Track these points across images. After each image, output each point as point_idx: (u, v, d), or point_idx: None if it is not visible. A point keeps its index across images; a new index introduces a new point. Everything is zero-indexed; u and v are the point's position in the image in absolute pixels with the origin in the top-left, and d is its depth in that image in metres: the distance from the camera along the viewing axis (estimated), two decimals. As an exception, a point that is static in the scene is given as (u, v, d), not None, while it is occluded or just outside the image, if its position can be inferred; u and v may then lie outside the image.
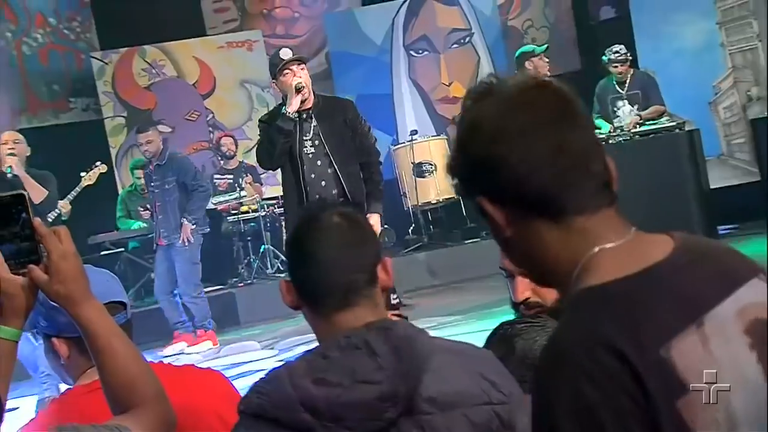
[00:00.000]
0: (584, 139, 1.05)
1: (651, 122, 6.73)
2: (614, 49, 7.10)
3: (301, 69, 4.64)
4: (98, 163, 6.52)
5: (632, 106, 6.90)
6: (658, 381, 0.94)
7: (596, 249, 1.03)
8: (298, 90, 4.52)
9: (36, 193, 5.29)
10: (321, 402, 1.27)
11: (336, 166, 4.64)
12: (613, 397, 0.94)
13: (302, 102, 4.61)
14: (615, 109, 6.98)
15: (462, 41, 9.35)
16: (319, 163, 4.66)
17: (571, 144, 1.03)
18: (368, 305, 1.39)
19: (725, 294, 1.00)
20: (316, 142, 4.65)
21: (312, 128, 4.66)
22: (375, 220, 4.47)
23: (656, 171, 6.16)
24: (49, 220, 5.44)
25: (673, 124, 6.68)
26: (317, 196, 4.49)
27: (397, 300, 3.06)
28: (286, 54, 4.67)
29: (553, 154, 1.02)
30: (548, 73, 5.79)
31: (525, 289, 1.77)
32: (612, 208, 1.06)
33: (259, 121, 4.90)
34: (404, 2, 9.43)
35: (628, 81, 7.11)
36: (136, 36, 9.09)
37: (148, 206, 7.50)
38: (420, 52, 9.35)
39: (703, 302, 0.99)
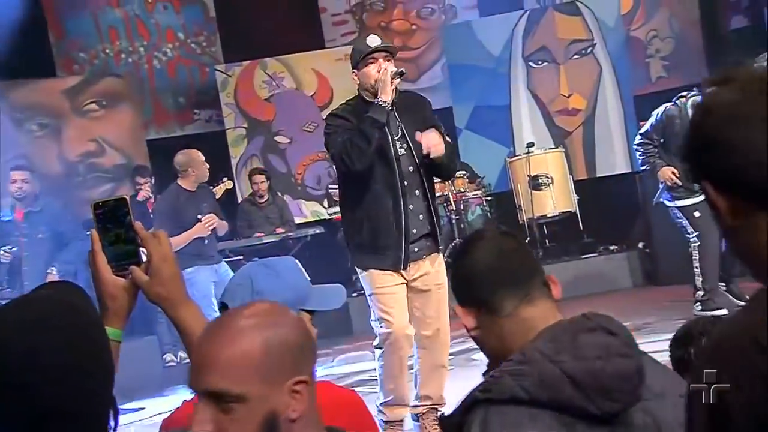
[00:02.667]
0: None
1: None
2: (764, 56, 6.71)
3: (389, 62, 3.84)
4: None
5: None
6: None
7: None
8: (401, 74, 3.80)
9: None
10: (587, 375, 1.31)
11: (421, 172, 3.85)
12: (748, 393, 0.92)
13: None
14: None
15: (583, 52, 9.15)
16: (410, 168, 3.84)
17: None
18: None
19: None
20: (405, 145, 3.85)
21: (398, 127, 3.86)
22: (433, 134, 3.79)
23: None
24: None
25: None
26: (410, 207, 3.80)
27: None
28: (373, 41, 3.90)
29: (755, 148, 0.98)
30: None
31: None
32: None
33: (332, 115, 4.01)
34: (524, 13, 9.32)
35: None
36: (257, 49, 9.35)
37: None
38: (539, 62, 9.21)
39: None
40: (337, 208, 8.20)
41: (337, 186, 4.29)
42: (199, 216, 6.05)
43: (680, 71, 9.06)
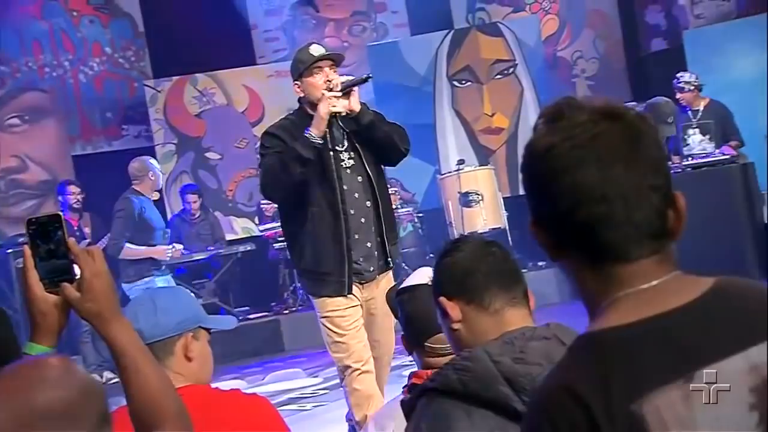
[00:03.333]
0: (635, 185, 1.00)
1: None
2: (684, 78, 6.96)
3: (333, 71, 3.59)
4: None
5: (704, 136, 6.71)
6: None
7: (621, 293, 1.01)
8: (364, 81, 3.63)
9: None
10: (522, 377, 1.41)
11: (373, 181, 3.65)
12: None
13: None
14: (685, 137, 6.78)
15: (506, 72, 9.33)
16: (359, 179, 3.63)
17: (617, 189, 0.99)
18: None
19: (738, 348, 0.95)
20: (353, 154, 3.63)
21: (343, 135, 3.64)
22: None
23: (709, 205, 6.01)
24: None
25: (727, 157, 6.55)
26: (351, 212, 3.59)
27: None
28: (317, 50, 3.63)
29: (596, 197, 0.99)
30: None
31: None
32: (656, 257, 1.01)
33: (266, 134, 3.72)
34: (448, 33, 9.46)
35: (701, 109, 6.98)
36: (187, 65, 9.25)
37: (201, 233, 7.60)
38: (463, 82, 9.35)
39: (704, 355, 0.95)
40: (269, 224, 8.19)
41: (269, 202, 4.17)
42: (167, 231, 6.26)
43: (605, 91, 9.31)
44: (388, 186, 4.04)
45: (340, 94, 3.52)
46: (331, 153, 3.58)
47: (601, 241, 1.01)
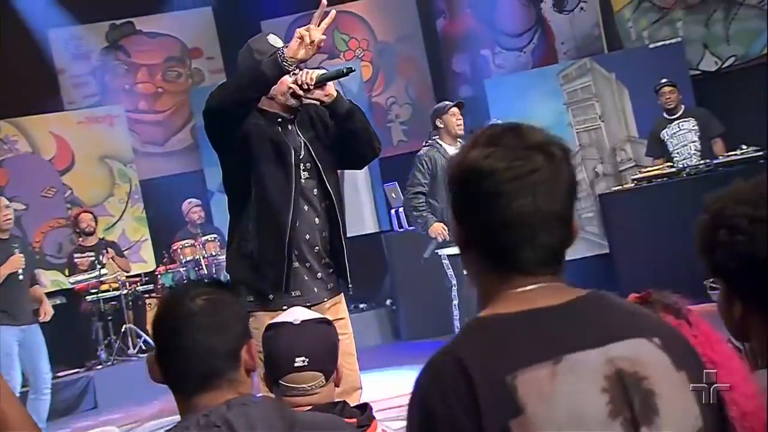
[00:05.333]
0: (555, 215, 1.20)
1: None
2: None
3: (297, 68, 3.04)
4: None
5: None
6: (495, 401, 1.10)
7: (511, 291, 1.21)
8: (346, 74, 3.19)
9: None
10: None
11: (331, 192, 3.15)
12: (449, 405, 1.11)
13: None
14: None
15: (333, 116, 9.43)
16: (315, 191, 3.13)
17: (541, 218, 1.19)
18: (231, 387, 1.43)
19: (596, 344, 1.15)
20: (309, 164, 3.12)
21: (301, 144, 3.13)
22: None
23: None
24: None
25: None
26: (306, 237, 3.08)
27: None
28: (276, 41, 3.12)
29: (526, 224, 1.18)
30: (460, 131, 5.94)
31: None
32: (550, 271, 1.22)
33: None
34: (271, 78, 9.49)
35: None
36: (-13, 110, 8.72)
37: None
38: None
39: (568, 345, 1.14)
40: (80, 276, 7.81)
41: (81, 254, 3.68)
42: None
43: (418, 135, 9.64)
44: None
45: (312, 89, 3.06)
46: (293, 151, 3.06)
47: (516, 259, 1.20)
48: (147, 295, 8.08)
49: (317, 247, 3.14)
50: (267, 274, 3.04)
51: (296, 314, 2.09)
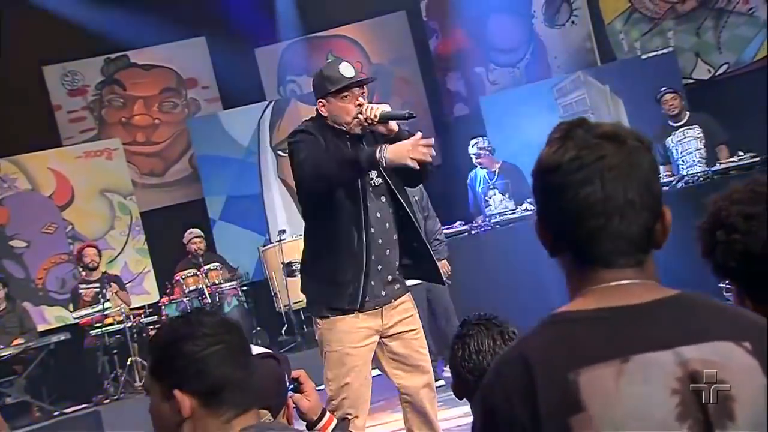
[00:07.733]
0: (630, 203, 1.16)
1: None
2: (478, 144, 7.46)
3: (362, 94, 3.37)
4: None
5: (503, 195, 7.34)
6: (556, 397, 1.09)
7: (595, 287, 1.17)
8: (407, 118, 3.40)
9: None
10: None
11: (404, 202, 3.40)
12: (510, 401, 1.11)
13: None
14: (487, 198, 7.40)
15: (327, 139, 9.47)
16: (383, 198, 3.39)
17: (615, 205, 1.15)
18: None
19: (670, 346, 1.12)
20: (379, 180, 3.38)
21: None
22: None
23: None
24: None
25: (528, 213, 6.96)
26: (379, 242, 3.33)
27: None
28: (348, 71, 3.34)
29: (596, 212, 1.15)
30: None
31: None
32: (637, 265, 1.18)
33: (300, 131, 3.49)
34: (269, 104, 9.55)
35: (496, 171, 7.46)
36: (-15, 150, 8.75)
37: None
38: (287, 151, 9.40)
39: (639, 345, 1.12)
40: (84, 311, 7.79)
41: (87, 286, 3.69)
42: None
43: (416, 156, 9.68)
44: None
45: (375, 123, 3.30)
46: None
47: (594, 251, 1.17)
48: (151, 327, 8.06)
49: (388, 251, 3.35)
50: (342, 291, 3.28)
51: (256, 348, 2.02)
